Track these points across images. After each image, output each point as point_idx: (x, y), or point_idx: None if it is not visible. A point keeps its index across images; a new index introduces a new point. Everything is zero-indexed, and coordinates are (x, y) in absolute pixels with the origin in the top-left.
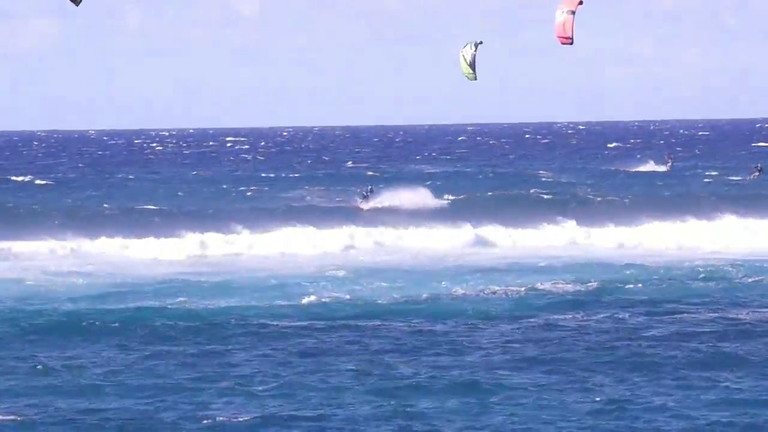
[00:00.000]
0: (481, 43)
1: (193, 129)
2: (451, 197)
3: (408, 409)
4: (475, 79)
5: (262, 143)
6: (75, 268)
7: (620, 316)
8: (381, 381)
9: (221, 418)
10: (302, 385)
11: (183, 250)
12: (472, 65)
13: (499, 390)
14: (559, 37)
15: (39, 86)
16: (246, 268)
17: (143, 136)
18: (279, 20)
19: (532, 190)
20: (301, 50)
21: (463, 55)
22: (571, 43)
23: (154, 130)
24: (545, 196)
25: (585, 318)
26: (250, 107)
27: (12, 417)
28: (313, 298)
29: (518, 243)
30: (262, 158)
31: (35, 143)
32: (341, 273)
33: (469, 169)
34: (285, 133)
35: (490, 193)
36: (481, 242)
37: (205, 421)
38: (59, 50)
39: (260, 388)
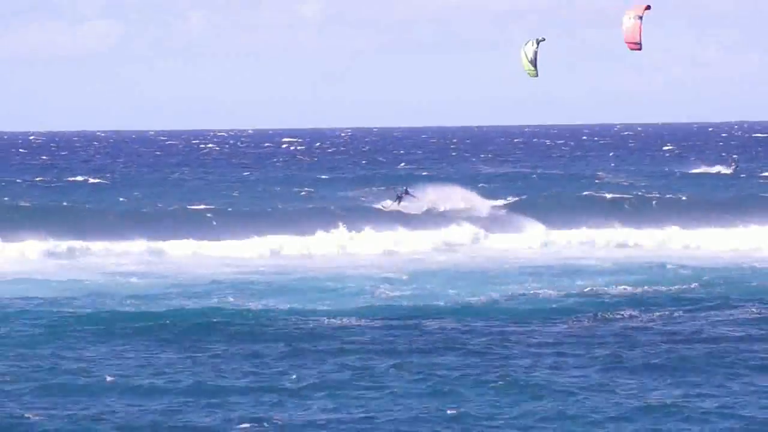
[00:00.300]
0: (543, 39)
1: (252, 130)
2: (505, 198)
3: (462, 409)
4: (536, 75)
5: (318, 144)
6: (133, 268)
7: (677, 316)
8: (438, 382)
9: (277, 419)
10: (357, 386)
11: (239, 251)
12: (534, 62)
13: (552, 390)
14: (628, 43)
15: (100, 86)
16: (304, 269)
17: (200, 137)
18: (340, 21)
19: (585, 192)
20: (362, 51)
21: (525, 52)
22: (640, 49)
23: (212, 130)
24: (603, 196)
25: (641, 318)
26: (310, 109)
27: (54, 413)
28: (373, 297)
29: (573, 243)
30: (314, 159)
31: (95, 143)
32: (400, 274)
33: (524, 170)
34: (344, 134)
35: (545, 194)
36: (533, 242)
37: (262, 423)
38: (120, 51)
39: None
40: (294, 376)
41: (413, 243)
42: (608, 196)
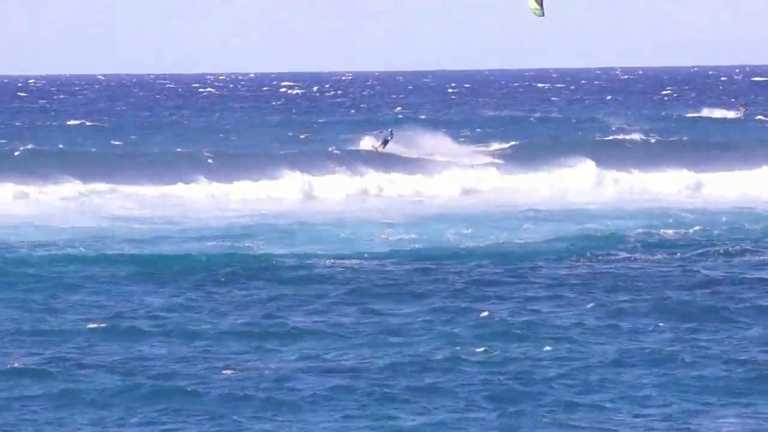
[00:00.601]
0: None
1: (254, 74)
2: (506, 141)
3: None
4: (543, 15)
5: (316, 88)
6: (136, 212)
7: (677, 260)
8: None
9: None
10: (361, 331)
11: (237, 194)
12: (540, 1)
13: (547, 332)
14: None
15: (99, 29)
16: (309, 213)
17: (200, 81)
18: None
19: (585, 135)
20: None
21: None
22: None
23: (212, 74)
24: (603, 139)
25: (640, 262)
26: (313, 52)
27: (61, 356)
28: (383, 242)
29: (573, 185)
30: (309, 103)
31: (96, 86)
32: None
33: (520, 113)
34: (345, 78)
35: (543, 137)
36: (536, 185)
37: (268, 365)
38: None
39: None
40: (299, 319)
41: (406, 187)
42: (609, 138)
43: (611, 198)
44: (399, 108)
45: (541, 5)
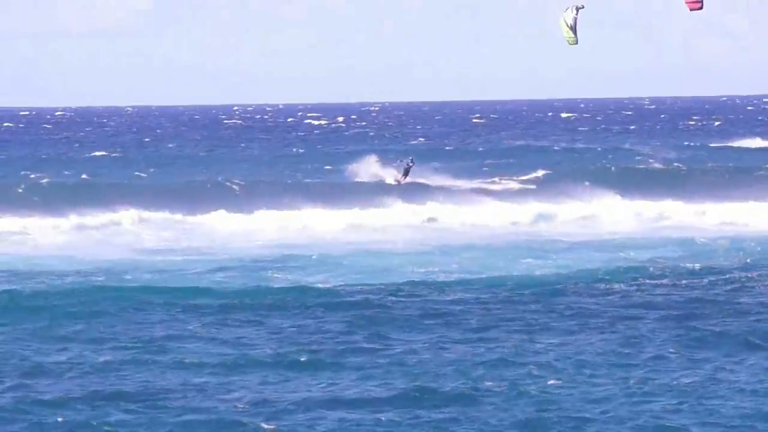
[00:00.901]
0: (582, 7)
1: (283, 105)
2: (535, 171)
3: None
4: (576, 42)
5: (342, 118)
6: (161, 243)
7: (704, 289)
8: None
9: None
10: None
11: (261, 224)
12: (573, 29)
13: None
14: (688, 2)
15: (128, 61)
16: (323, 243)
17: (227, 112)
18: None
19: (611, 166)
20: (400, 25)
21: (564, 19)
22: (701, 8)
23: (241, 105)
24: (634, 168)
25: (671, 290)
26: (345, 83)
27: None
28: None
29: (604, 215)
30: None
31: (121, 118)
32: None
33: (544, 144)
34: (373, 109)
35: (573, 166)
36: (567, 216)
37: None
38: (151, 25)
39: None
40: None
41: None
42: (637, 167)
43: (638, 227)
44: (422, 138)
45: (575, 33)
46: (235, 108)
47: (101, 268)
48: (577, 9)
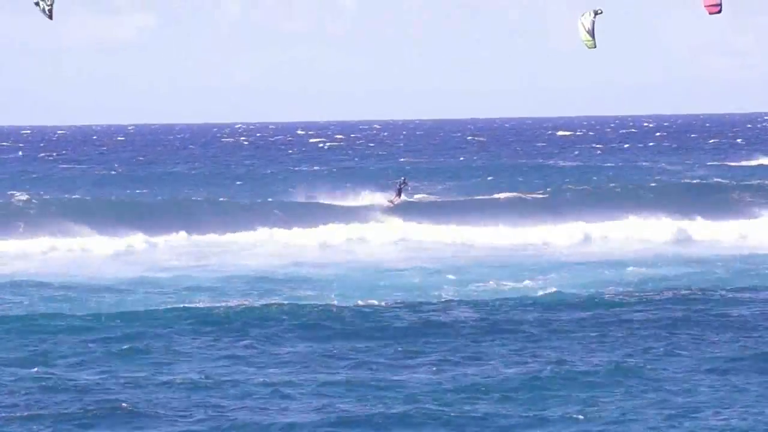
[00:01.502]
0: (600, 12)
1: (274, 124)
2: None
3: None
4: (595, 46)
5: (341, 137)
6: (178, 262)
7: (719, 311)
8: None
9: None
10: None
11: (261, 244)
12: (591, 32)
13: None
14: (707, 6)
15: (132, 80)
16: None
17: (228, 129)
18: (377, 13)
19: (616, 187)
20: (398, 41)
21: (582, 23)
22: (720, 11)
23: (244, 123)
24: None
25: (688, 311)
26: (344, 101)
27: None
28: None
29: (616, 235)
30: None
31: (120, 137)
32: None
33: (549, 162)
34: (376, 127)
35: (586, 186)
36: (577, 235)
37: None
38: (154, 44)
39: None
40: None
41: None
42: (654, 185)
43: (645, 246)
44: (424, 158)
45: (593, 36)
46: (238, 125)
47: (120, 289)
48: (596, 13)
